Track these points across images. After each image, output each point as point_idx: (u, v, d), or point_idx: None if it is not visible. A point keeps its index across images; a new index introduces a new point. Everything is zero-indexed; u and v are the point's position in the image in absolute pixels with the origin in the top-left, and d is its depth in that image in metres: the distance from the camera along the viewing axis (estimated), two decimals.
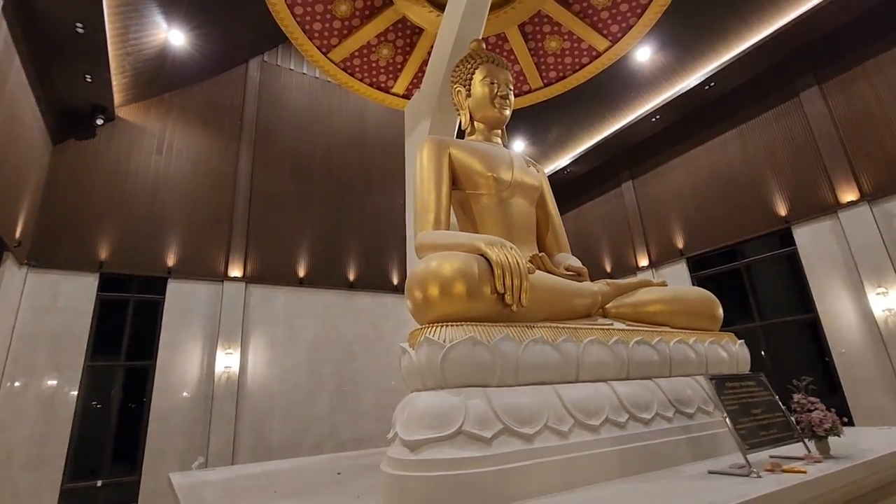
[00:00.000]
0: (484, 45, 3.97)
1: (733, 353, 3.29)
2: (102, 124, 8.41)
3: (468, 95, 3.74)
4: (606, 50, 6.54)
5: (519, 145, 12.14)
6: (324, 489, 2.62)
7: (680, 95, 9.13)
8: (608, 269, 11.13)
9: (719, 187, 9.01)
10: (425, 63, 6.92)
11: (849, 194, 7.19)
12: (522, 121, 10.87)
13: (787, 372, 7.24)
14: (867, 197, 7.01)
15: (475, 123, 3.77)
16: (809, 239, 7.62)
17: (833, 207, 7.35)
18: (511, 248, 2.49)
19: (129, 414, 7.86)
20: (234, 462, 7.89)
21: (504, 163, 3.55)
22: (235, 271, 8.97)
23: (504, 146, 3.85)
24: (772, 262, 8.43)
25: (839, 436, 2.69)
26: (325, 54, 6.42)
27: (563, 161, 11.60)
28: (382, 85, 7.23)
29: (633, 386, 2.69)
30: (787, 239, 7.96)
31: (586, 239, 11.56)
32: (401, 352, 2.48)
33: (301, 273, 9.77)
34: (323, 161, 10.87)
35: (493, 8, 5.12)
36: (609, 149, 10.76)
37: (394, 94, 7.33)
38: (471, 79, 3.78)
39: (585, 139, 11.04)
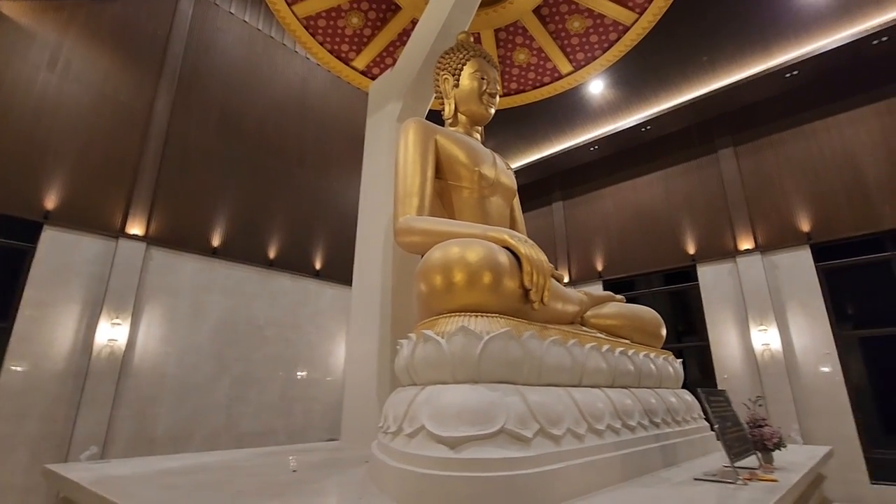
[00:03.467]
0: (471, 39, 3.94)
1: (676, 369, 3.66)
2: None
3: (455, 86, 3.70)
4: (568, 74, 6.86)
5: None
6: (295, 489, 2.26)
7: (619, 132, 9.95)
8: None
9: (640, 221, 9.97)
10: (392, 44, 6.62)
11: (746, 243, 8.43)
12: None
13: None
14: (760, 248, 8.28)
15: (458, 115, 3.76)
16: (710, 277, 8.77)
17: (732, 253, 8.56)
18: (533, 245, 2.44)
19: None
20: (104, 455, 6.57)
21: (487, 160, 3.56)
22: (135, 228, 7.56)
23: (483, 143, 3.85)
24: (676, 293, 9.54)
25: (781, 449, 3.09)
26: (289, 5, 5.81)
27: None
28: (343, 55, 6.76)
29: (619, 394, 2.80)
30: (692, 275, 9.07)
31: None
32: (418, 340, 2.27)
33: (215, 242, 8.59)
34: (256, 123, 9.76)
35: (479, 6, 5.10)
36: (546, 168, 11.30)
37: (352, 68, 6.90)
38: (461, 70, 3.75)
39: (526, 154, 11.46)
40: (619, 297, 3.79)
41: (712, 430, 3.68)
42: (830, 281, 7.66)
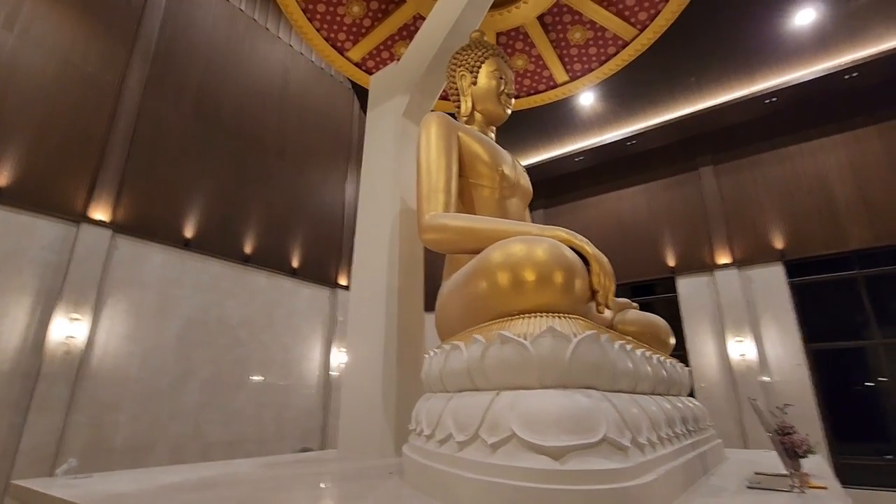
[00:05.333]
0: (485, 38, 3.94)
1: (688, 377, 3.74)
2: None
3: (473, 83, 3.64)
4: (563, 84, 6.92)
5: None
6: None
7: (605, 144, 10.18)
8: None
9: (622, 232, 10.21)
10: (391, 38, 6.44)
11: (723, 258, 8.83)
12: None
13: None
14: (737, 263, 8.70)
15: (474, 114, 3.69)
16: (689, 289, 9.10)
17: (710, 267, 8.93)
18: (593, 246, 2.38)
19: None
20: (55, 467, 5.78)
21: (507, 160, 3.53)
22: (100, 213, 6.79)
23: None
24: (656, 304, 9.83)
25: (808, 456, 3.16)
26: None
27: None
28: (339, 44, 6.49)
29: (662, 401, 2.76)
30: (671, 286, 9.38)
31: None
32: (492, 341, 2.09)
33: (188, 233, 7.90)
34: (234, 110, 9.14)
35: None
36: (531, 176, 11.33)
37: (346, 59, 6.64)
38: (479, 67, 3.70)
39: None
40: (634, 304, 3.82)
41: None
42: (801, 296, 8.15)
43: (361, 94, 11.60)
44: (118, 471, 3.40)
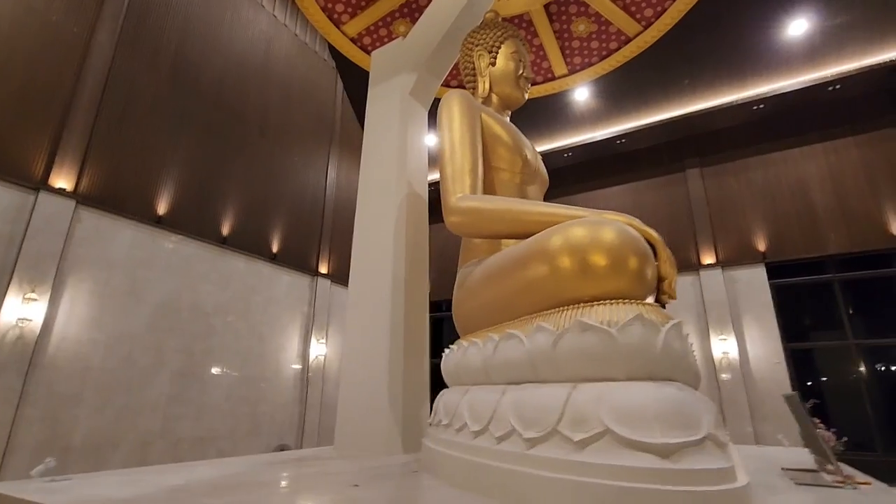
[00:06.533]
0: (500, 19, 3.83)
1: None
2: None
3: (492, 64, 3.53)
4: (561, 77, 6.83)
5: (432, 138, 11.72)
6: None
7: (595, 141, 10.21)
8: None
9: None
10: (391, 14, 6.16)
11: (708, 258, 9.06)
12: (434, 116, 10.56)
13: None
14: (721, 263, 8.94)
15: (491, 96, 3.59)
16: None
17: (696, 266, 9.13)
18: None
19: None
20: (3, 466, 5.04)
21: (527, 145, 3.47)
22: (62, 181, 6.01)
23: None
24: None
25: (839, 452, 3.17)
26: None
27: None
28: (335, 16, 6.11)
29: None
30: None
31: None
32: (568, 329, 1.90)
33: (161, 209, 7.18)
34: (214, 79, 8.42)
35: None
36: None
37: (342, 32, 6.27)
38: (497, 48, 3.62)
39: None
40: None
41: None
42: (781, 297, 8.49)
43: (346, 73, 11.04)
44: (99, 472, 2.92)
